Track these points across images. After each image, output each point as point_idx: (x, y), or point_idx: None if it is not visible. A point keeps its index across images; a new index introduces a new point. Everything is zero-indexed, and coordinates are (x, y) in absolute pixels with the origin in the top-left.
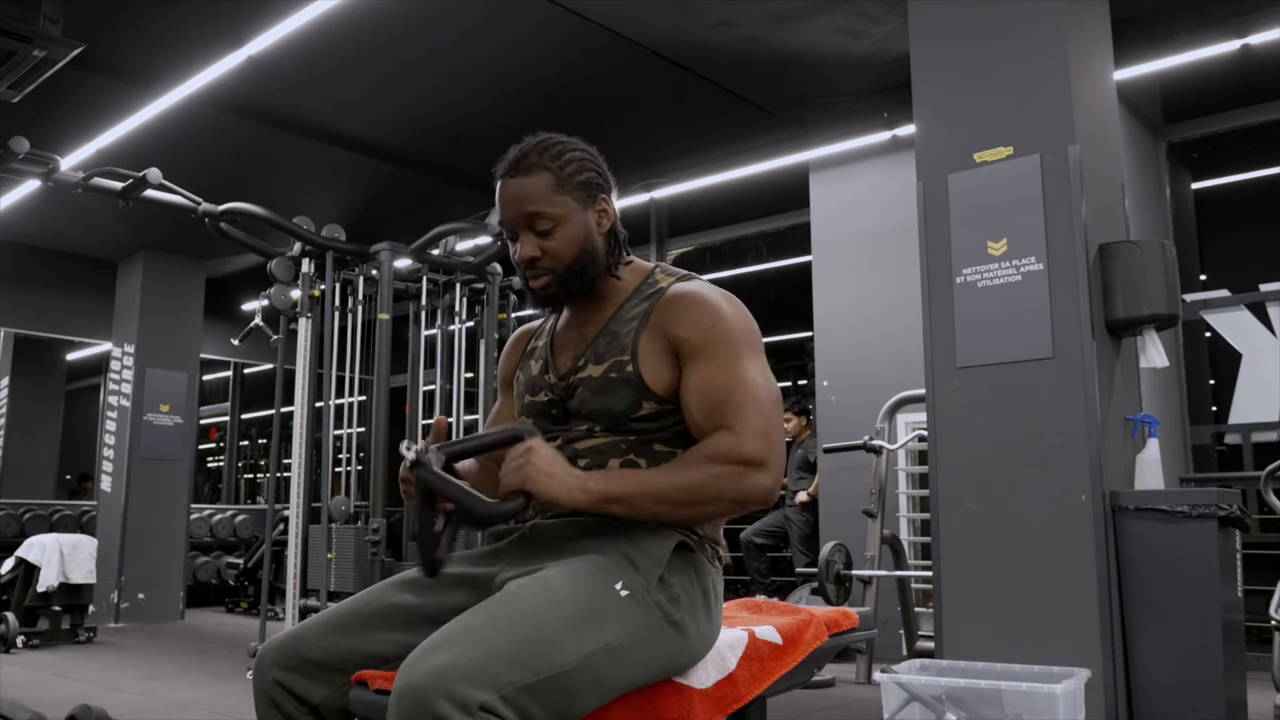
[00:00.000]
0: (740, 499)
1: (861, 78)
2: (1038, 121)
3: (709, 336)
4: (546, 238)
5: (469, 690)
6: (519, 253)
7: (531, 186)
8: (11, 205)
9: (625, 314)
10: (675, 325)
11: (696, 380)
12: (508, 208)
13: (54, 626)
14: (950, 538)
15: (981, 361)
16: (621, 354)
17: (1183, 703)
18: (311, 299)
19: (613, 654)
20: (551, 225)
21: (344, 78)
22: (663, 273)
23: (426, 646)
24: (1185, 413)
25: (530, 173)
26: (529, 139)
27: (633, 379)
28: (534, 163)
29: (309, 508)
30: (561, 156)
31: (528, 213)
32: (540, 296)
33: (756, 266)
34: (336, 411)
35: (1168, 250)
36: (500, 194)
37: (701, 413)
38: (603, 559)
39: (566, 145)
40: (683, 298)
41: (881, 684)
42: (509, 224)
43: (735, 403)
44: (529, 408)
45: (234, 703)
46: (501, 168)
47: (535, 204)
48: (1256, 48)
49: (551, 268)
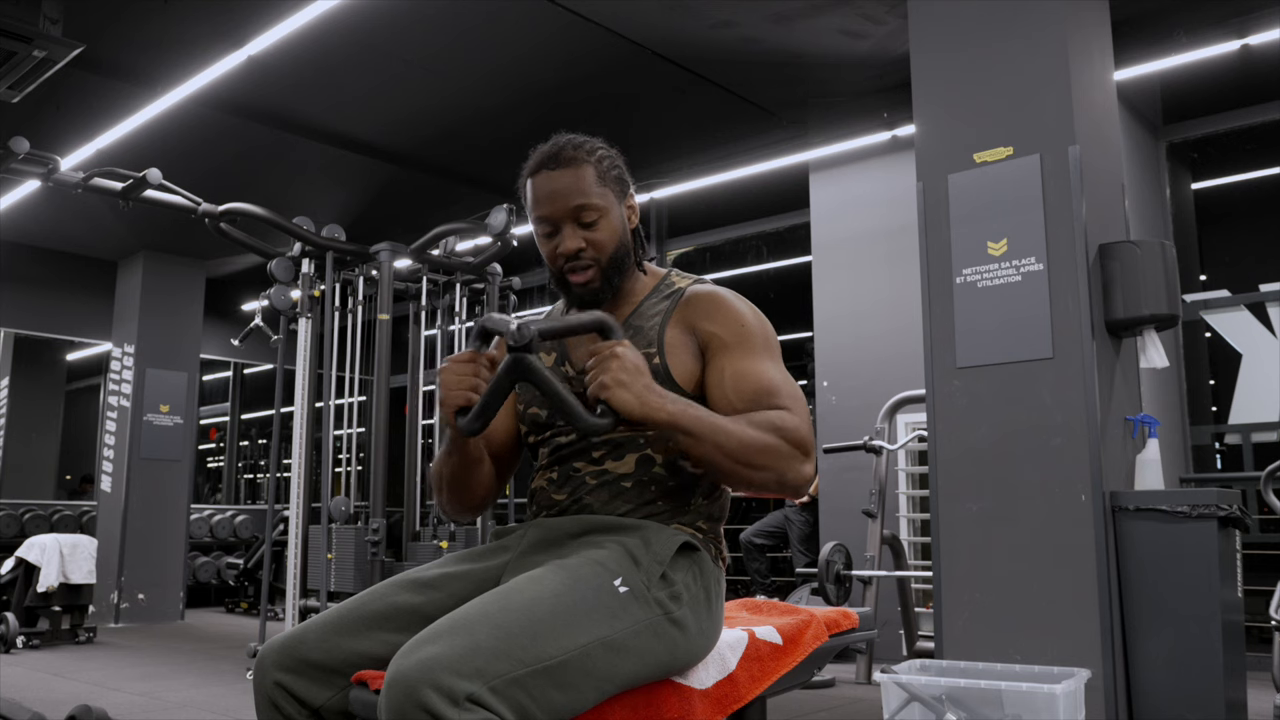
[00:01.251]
0: (786, 481)
1: (861, 78)
2: (1038, 121)
3: (739, 334)
4: (591, 229)
5: (457, 681)
6: (562, 245)
7: (576, 178)
8: (11, 205)
9: (647, 310)
10: (704, 320)
11: (732, 371)
12: (554, 200)
13: (54, 627)
14: (950, 538)
15: (981, 362)
16: (647, 346)
17: (1183, 703)
18: (311, 299)
19: (609, 648)
20: (596, 217)
21: (344, 78)
22: (678, 275)
23: (418, 639)
24: (1185, 413)
25: (572, 165)
26: (557, 137)
27: (659, 370)
28: (573, 155)
29: (309, 508)
30: (595, 152)
31: (575, 205)
32: (582, 291)
33: (756, 266)
34: (336, 412)
35: (1168, 250)
36: (539, 187)
37: (743, 400)
38: (604, 554)
39: (595, 142)
40: (709, 296)
41: (881, 684)
42: (551, 217)
43: (782, 394)
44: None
45: (234, 703)
46: (536, 162)
47: (583, 195)
48: (1256, 48)
49: (595, 259)
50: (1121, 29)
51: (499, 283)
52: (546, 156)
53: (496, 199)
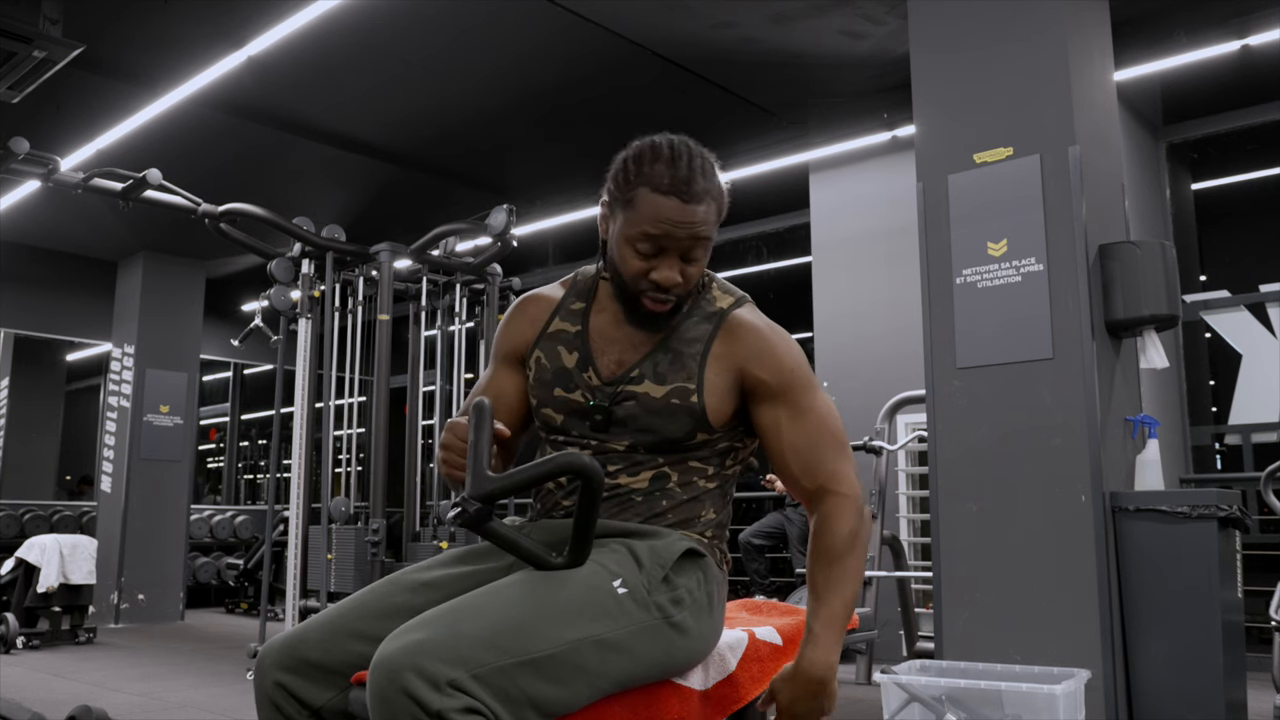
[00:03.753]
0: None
1: (861, 78)
2: (1038, 122)
3: (787, 381)
4: (691, 264)
5: (439, 667)
6: (659, 272)
7: (704, 215)
8: (11, 205)
9: (686, 332)
10: (750, 364)
11: (787, 431)
12: (678, 229)
13: (54, 627)
14: (950, 538)
15: (981, 362)
16: (687, 380)
17: (1183, 703)
18: (311, 300)
19: (601, 646)
20: (702, 255)
21: (344, 78)
22: (719, 289)
23: (405, 626)
24: (1185, 413)
25: (703, 200)
26: (687, 148)
27: (696, 410)
28: (705, 189)
29: (309, 508)
30: (718, 185)
31: (696, 238)
32: (651, 316)
33: (756, 267)
34: (336, 412)
35: (1168, 251)
36: (663, 210)
37: (801, 470)
38: (606, 556)
39: (718, 175)
40: (751, 333)
41: (881, 684)
42: (664, 240)
43: (830, 456)
44: (562, 404)
45: (234, 703)
46: (668, 181)
47: (705, 233)
48: (1256, 48)
49: (682, 295)
50: (1121, 29)
51: (499, 283)
52: (681, 181)
53: (496, 199)
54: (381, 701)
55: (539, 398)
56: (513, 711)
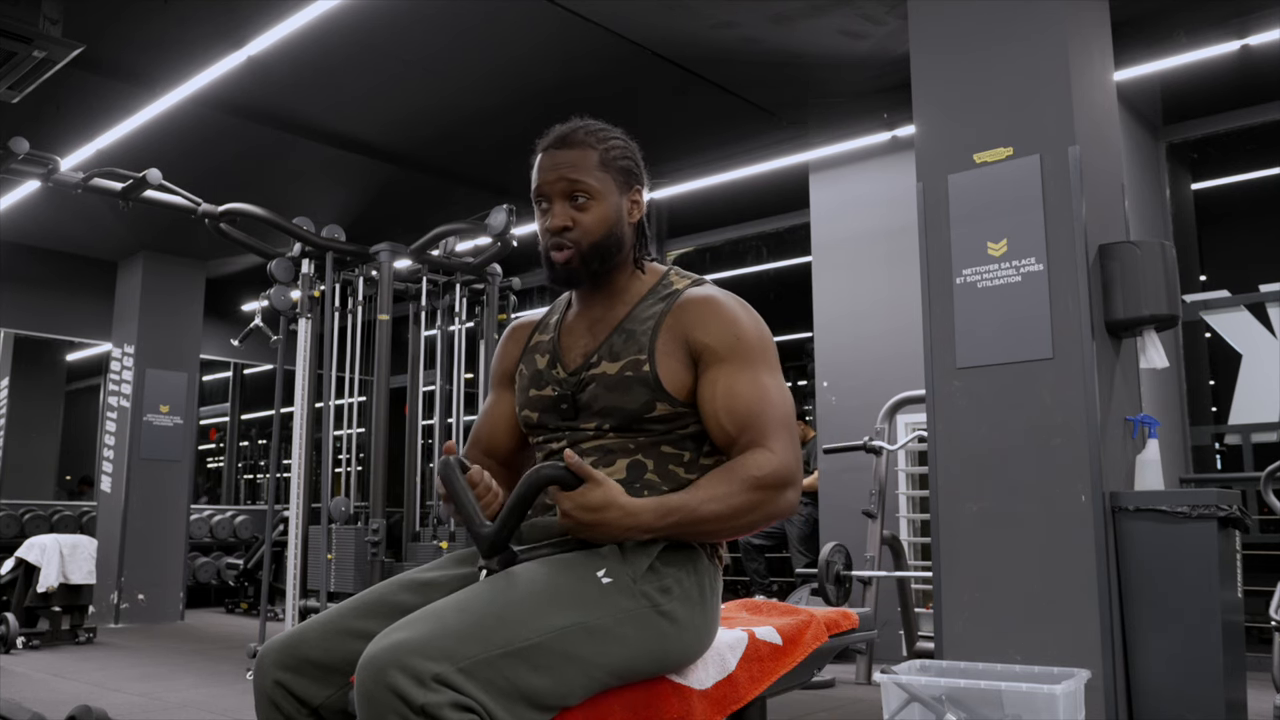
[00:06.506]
0: (773, 518)
1: (861, 78)
2: (1038, 122)
3: (732, 346)
4: (580, 210)
5: (424, 663)
6: (549, 221)
7: (575, 158)
8: (11, 205)
9: (640, 313)
10: (696, 329)
11: (724, 388)
12: (547, 173)
13: (54, 627)
14: (950, 538)
15: (981, 362)
16: (638, 353)
17: (1183, 703)
18: (311, 299)
19: (590, 633)
20: (587, 198)
21: (344, 78)
22: (677, 275)
23: (392, 626)
24: (1185, 413)
25: (575, 147)
26: (575, 120)
27: (649, 379)
28: (580, 139)
29: (309, 508)
30: (607, 140)
31: (568, 179)
32: (559, 269)
33: (756, 267)
34: (336, 412)
35: (1168, 251)
36: (542, 163)
37: (734, 424)
38: (591, 548)
39: (611, 131)
40: (703, 302)
41: (881, 684)
42: (544, 191)
43: (767, 418)
44: (535, 401)
45: (234, 703)
46: (545, 141)
47: (577, 173)
48: (1256, 48)
49: (577, 241)
50: (1121, 29)
51: (498, 283)
52: (555, 137)
53: (496, 199)
54: (368, 700)
55: (520, 403)
56: (503, 704)
